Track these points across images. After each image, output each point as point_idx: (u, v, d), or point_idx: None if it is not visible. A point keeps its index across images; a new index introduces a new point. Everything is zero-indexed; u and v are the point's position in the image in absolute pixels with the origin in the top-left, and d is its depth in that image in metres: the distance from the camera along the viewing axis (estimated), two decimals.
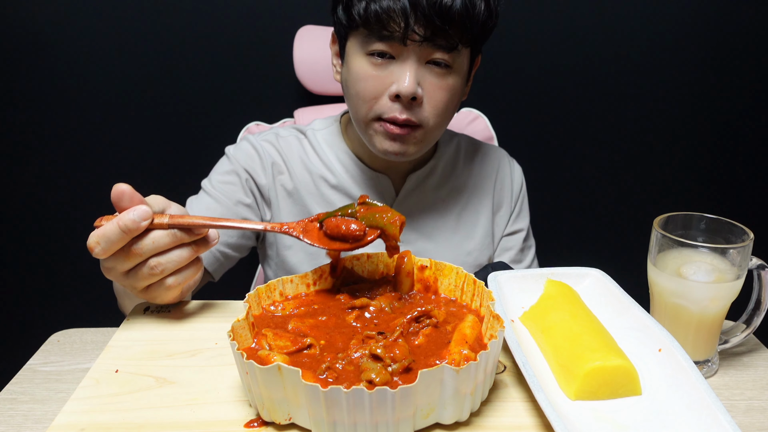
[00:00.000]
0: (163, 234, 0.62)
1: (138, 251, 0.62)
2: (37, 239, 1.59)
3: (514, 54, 1.50)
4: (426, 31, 0.81)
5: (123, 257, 0.62)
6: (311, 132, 1.03)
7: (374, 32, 0.82)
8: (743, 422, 0.59)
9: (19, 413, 0.63)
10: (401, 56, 0.83)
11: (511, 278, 0.72)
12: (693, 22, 1.49)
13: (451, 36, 0.82)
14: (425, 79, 0.85)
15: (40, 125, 1.49)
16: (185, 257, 0.64)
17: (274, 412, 0.51)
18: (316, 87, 1.35)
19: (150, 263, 0.63)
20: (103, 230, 0.60)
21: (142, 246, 0.62)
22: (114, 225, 0.60)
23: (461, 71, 0.88)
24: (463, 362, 0.51)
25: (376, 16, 0.81)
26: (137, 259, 0.62)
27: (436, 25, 0.80)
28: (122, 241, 0.61)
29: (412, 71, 0.83)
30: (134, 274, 0.64)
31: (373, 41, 0.83)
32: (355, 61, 0.86)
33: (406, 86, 0.82)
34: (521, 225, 1.10)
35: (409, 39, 0.81)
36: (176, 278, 0.65)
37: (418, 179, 1.01)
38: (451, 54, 0.84)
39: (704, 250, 0.64)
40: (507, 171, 1.09)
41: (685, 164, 1.62)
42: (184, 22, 1.42)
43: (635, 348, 0.60)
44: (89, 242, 0.61)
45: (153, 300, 0.68)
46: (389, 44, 0.83)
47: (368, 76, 0.85)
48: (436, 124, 0.88)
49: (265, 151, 1.00)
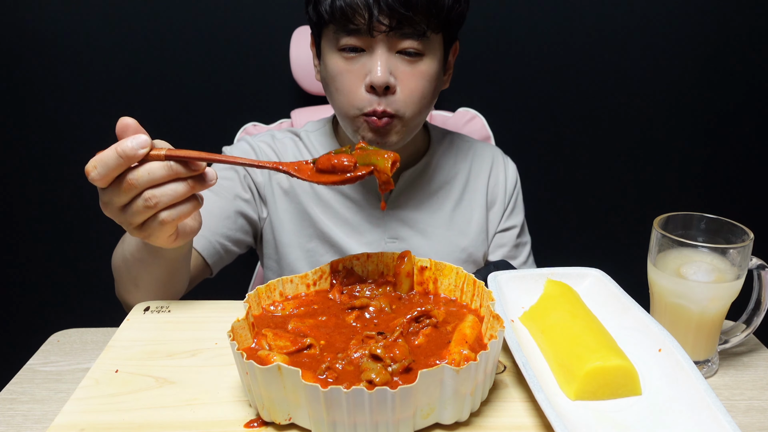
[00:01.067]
0: (159, 165, 0.61)
1: (133, 181, 0.61)
2: (37, 239, 1.59)
3: (511, 53, 1.50)
4: (391, 21, 0.82)
5: (118, 188, 0.61)
6: (305, 133, 1.05)
7: (342, 27, 0.84)
8: (743, 422, 0.59)
9: (19, 413, 0.63)
10: (371, 48, 0.85)
11: (511, 278, 0.72)
12: (692, 20, 1.49)
13: (417, 23, 0.83)
14: (397, 68, 0.86)
15: (39, 125, 1.49)
16: (180, 192, 0.63)
17: (274, 412, 0.51)
18: (312, 87, 1.35)
19: (144, 195, 0.61)
20: (100, 155, 0.60)
21: (137, 176, 0.60)
22: (112, 150, 0.59)
23: (434, 57, 0.89)
24: (463, 362, 0.51)
25: (341, 10, 0.82)
26: (133, 191, 0.61)
27: (400, 13, 0.81)
28: (119, 168, 0.60)
29: (382, 61, 0.84)
30: (129, 208, 0.63)
31: (342, 36, 0.85)
32: (329, 58, 0.88)
33: (378, 76, 0.83)
34: (514, 221, 1.10)
35: (375, 30, 0.82)
36: (170, 213, 0.63)
37: (410, 177, 1.02)
38: (421, 41, 0.85)
39: (704, 250, 0.64)
40: (501, 168, 1.09)
41: (685, 164, 1.62)
42: (180, 23, 1.42)
43: (635, 348, 0.60)
44: (87, 166, 0.60)
45: (148, 239, 0.66)
46: (357, 37, 0.84)
47: (342, 71, 0.87)
48: (414, 112, 0.89)
49: (262, 151, 1.02)
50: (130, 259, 0.79)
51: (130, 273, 0.79)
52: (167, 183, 0.62)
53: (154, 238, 0.66)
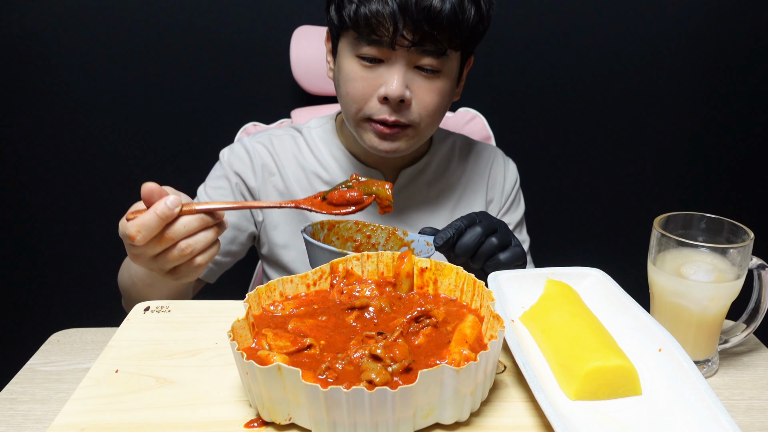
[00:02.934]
0: (192, 218, 0.68)
1: (171, 235, 0.67)
2: (37, 239, 1.59)
3: (512, 53, 1.50)
4: (414, 36, 0.81)
5: (156, 242, 0.67)
6: (307, 130, 1.05)
7: (363, 35, 0.83)
8: (743, 422, 0.59)
9: (19, 413, 0.63)
10: (390, 60, 0.84)
11: (511, 278, 0.72)
12: (693, 21, 1.49)
13: (439, 41, 0.82)
14: (414, 82, 0.85)
15: (38, 126, 1.49)
16: (210, 238, 0.70)
17: (274, 412, 0.51)
18: (312, 87, 1.35)
19: (180, 245, 0.68)
20: (141, 219, 0.65)
21: (174, 230, 0.67)
22: (152, 214, 0.65)
23: (451, 74, 0.88)
24: (463, 362, 0.51)
25: (365, 19, 0.81)
26: (169, 242, 0.67)
27: (424, 30, 0.80)
28: (159, 228, 0.66)
29: (400, 75, 0.83)
30: (164, 256, 0.68)
31: (362, 44, 0.84)
32: (346, 62, 0.87)
33: (394, 89, 0.83)
34: (509, 220, 1.11)
35: (397, 44, 0.82)
36: (203, 257, 0.70)
37: (411, 175, 1.02)
38: (440, 59, 0.84)
39: (704, 250, 0.64)
40: (500, 168, 1.09)
41: (685, 164, 1.62)
42: (180, 22, 1.42)
43: (635, 348, 0.60)
44: (129, 232, 0.65)
45: (177, 278, 0.72)
46: (378, 48, 0.83)
47: (357, 78, 0.86)
48: (427, 124, 0.89)
49: (257, 153, 1.02)
50: (138, 284, 0.84)
51: (140, 293, 0.84)
52: (199, 232, 0.69)
53: (184, 277, 0.72)
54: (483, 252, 0.77)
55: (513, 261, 0.78)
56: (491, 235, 0.77)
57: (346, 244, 0.83)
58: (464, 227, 0.77)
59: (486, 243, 0.77)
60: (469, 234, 0.76)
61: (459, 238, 0.76)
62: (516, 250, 0.78)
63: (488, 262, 0.78)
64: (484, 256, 0.77)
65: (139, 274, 0.83)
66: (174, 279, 0.73)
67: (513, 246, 0.79)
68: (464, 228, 0.77)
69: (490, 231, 0.77)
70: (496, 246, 0.77)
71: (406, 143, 0.90)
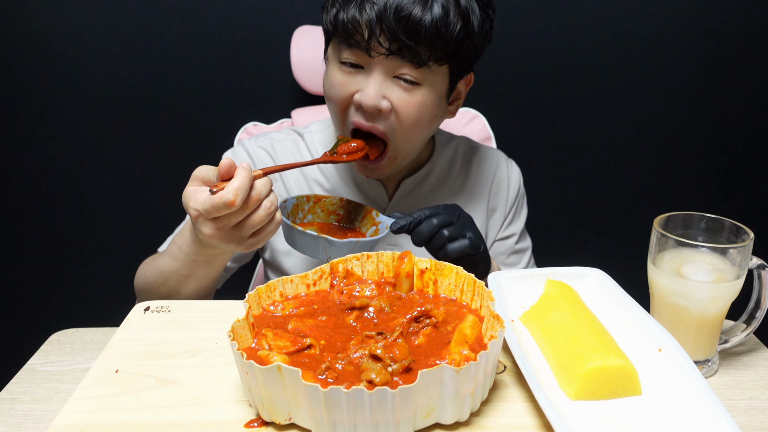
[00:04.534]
0: (265, 179, 0.72)
1: (257, 196, 0.71)
2: (37, 239, 1.59)
3: (512, 53, 1.50)
4: (391, 45, 0.80)
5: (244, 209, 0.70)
6: (308, 135, 1.04)
7: (343, 41, 0.83)
8: (743, 422, 0.59)
9: (19, 413, 0.63)
10: (369, 67, 0.83)
11: (511, 278, 0.72)
12: (693, 21, 1.48)
13: (418, 52, 0.80)
14: (392, 92, 0.84)
15: (39, 126, 1.49)
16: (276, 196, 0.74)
17: (274, 412, 0.51)
18: (313, 87, 1.35)
19: (264, 204, 0.72)
20: (233, 185, 0.69)
21: (257, 191, 0.71)
22: (242, 176, 0.69)
23: (434, 88, 0.86)
24: (463, 362, 0.51)
25: (343, 24, 0.81)
26: (254, 204, 0.71)
27: (401, 39, 0.79)
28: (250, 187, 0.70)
29: (376, 83, 0.83)
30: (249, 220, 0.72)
31: (343, 49, 0.84)
32: (331, 67, 0.88)
33: (368, 98, 0.82)
34: (514, 230, 1.10)
35: (373, 50, 0.81)
36: (278, 213, 0.75)
37: (412, 184, 1.01)
38: (420, 70, 0.82)
39: (704, 250, 0.64)
40: (504, 175, 1.08)
41: (685, 164, 1.62)
42: (181, 22, 1.42)
43: (635, 348, 0.60)
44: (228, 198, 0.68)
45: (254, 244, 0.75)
46: (356, 54, 0.83)
47: (337, 83, 0.86)
48: (403, 138, 0.88)
49: (259, 158, 1.01)
50: (174, 278, 0.85)
51: (175, 288, 0.86)
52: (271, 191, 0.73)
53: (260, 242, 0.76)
54: (435, 242, 0.83)
55: (460, 251, 0.82)
56: (445, 227, 0.82)
57: (329, 216, 0.91)
58: (424, 217, 0.82)
59: (438, 234, 0.82)
60: (425, 224, 0.82)
61: (417, 226, 0.83)
62: (464, 243, 0.83)
63: (440, 251, 0.83)
64: (437, 245, 0.83)
65: (173, 268, 0.84)
66: (248, 247, 0.75)
67: (464, 238, 0.83)
68: (423, 218, 0.82)
69: (446, 224, 0.83)
70: (447, 237, 0.82)
71: (387, 166, 0.90)
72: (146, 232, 1.55)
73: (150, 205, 1.56)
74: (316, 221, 0.90)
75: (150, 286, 0.90)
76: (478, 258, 0.86)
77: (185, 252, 0.82)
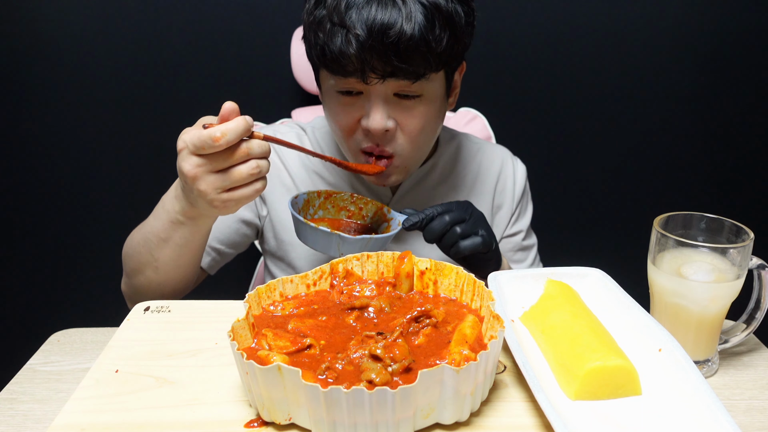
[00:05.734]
0: (265, 143, 0.71)
1: (248, 150, 0.69)
2: (37, 239, 1.59)
3: (513, 53, 1.50)
4: (385, 68, 0.78)
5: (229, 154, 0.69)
6: (311, 129, 1.05)
7: (336, 72, 0.81)
8: (743, 422, 0.59)
9: (19, 413, 0.63)
10: (367, 92, 0.82)
11: (511, 278, 0.72)
12: (693, 21, 1.48)
13: (412, 71, 0.79)
14: (396, 110, 0.83)
15: (39, 126, 1.49)
16: (269, 166, 0.72)
17: (274, 412, 0.51)
18: (313, 87, 1.35)
19: (251, 163, 0.70)
20: (227, 125, 0.67)
21: (251, 147, 0.69)
22: (240, 121, 0.68)
23: (434, 95, 0.86)
24: (463, 362, 0.51)
25: (332, 57, 0.79)
26: (242, 158, 0.69)
27: (394, 65, 0.78)
28: (244, 134, 0.68)
29: (379, 106, 0.82)
30: (231, 172, 0.70)
31: (338, 79, 0.83)
32: (328, 97, 0.87)
33: (375, 123, 0.82)
34: (521, 227, 1.10)
35: (369, 78, 0.79)
36: (262, 183, 0.72)
37: (415, 178, 1.02)
38: (419, 83, 0.82)
39: (704, 250, 0.64)
40: (509, 172, 1.08)
41: (685, 164, 1.62)
42: (181, 22, 1.42)
43: (635, 348, 0.60)
44: (214, 134, 0.67)
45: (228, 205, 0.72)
46: (352, 83, 0.82)
47: (340, 112, 0.85)
48: (413, 150, 0.88)
49: None
50: (154, 240, 0.83)
51: (153, 254, 0.84)
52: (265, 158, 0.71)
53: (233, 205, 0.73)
54: (447, 239, 0.82)
55: (473, 249, 0.82)
56: (457, 225, 0.82)
57: (341, 212, 0.90)
58: (436, 214, 0.82)
59: (450, 231, 0.82)
60: (437, 221, 0.82)
61: (429, 223, 0.82)
62: (476, 240, 0.82)
63: (452, 248, 0.83)
64: (448, 242, 0.83)
65: (154, 229, 0.83)
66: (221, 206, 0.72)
67: (476, 236, 0.83)
68: (436, 215, 0.82)
69: (458, 221, 0.82)
70: (459, 235, 0.82)
71: (396, 175, 0.90)
72: None
73: (150, 205, 1.55)
74: (327, 217, 0.90)
75: (133, 250, 0.88)
76: (490, 255, 0.86)
77: (167, 209, 0.80)
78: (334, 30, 0.78)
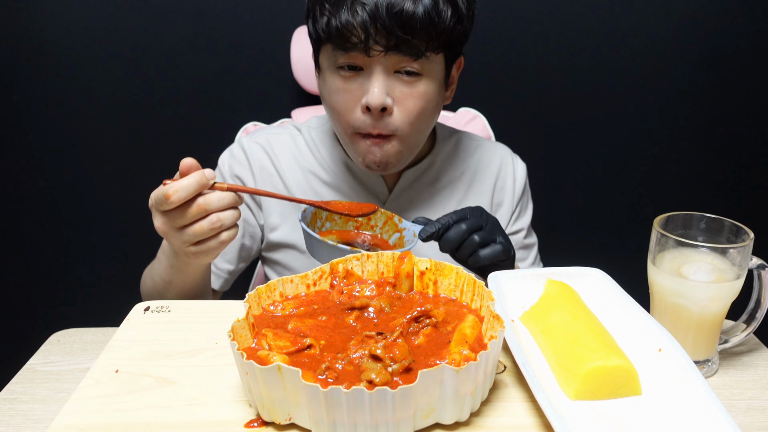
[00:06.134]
0: (227, 194, 0.72)
1: (204, 205, 0.70)
2: (37, 239, 1.59)
3: (513, 53, 1.50)
4: (389, 42, 0.80)
5: (186, 209, 0.70)
6: (306, 129, 1.05)
7: (339, 46, 0.83)
8: (743, 422, 0.59)
9: (19, 413, 0.63)
10: (368, 68, 0.83)
11: (511, 278, 0.72)
12: (693, 21, 1.48)
13: (415, 45, 0.81)
14: (395, 88, 0.84)
15: (39, 126, 1.49)
16: (236, 216, 0.74)
17: (274, 412, 0.51)
18: (313, 87, 1.35)
19: (211, 218, 0.71)
20: (179, 182, 0.69)
21: (208, 200, 0.71)
22: (191, 178, 0.70)
23: (434, 77, 0.87)
24: (463, 362, 0.51)
25: (337, 30, 0.81)
26: (201, 213, 0.71)
27: (398, 35, 0.80)
28: (195, 191, 0.69)
29: (379, 82, 0.83)
30: (193, 228, 0.71)
31: (339, 54, 0.84)
32: (327, 76, 0.88)
33: (375, 97, 0.82)
34: (521, 225, 1.10)
35: (372, 50, 0.81)
36: (229, 233, 0.73)
37: (412, 176, 1.01)
38: (420, 61, 0.83)
39: (704, 250, 0.64)
40: (509, 169, 1.08)
41: (685, 164, 1.62)
42: (181, 22, 1.42)
43: (635, 348, 0.60)
44: (166, 191, 0.68)
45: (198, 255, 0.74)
46: (354, 56, 0.83)
47: (339, 90, 0.86)
48: (411, 131, 0.88)
49: (254, 155, 1.02)
50: (160, 283, 0.87)
51: (162, 295, 0.88)
52: (229, 209, 0.72)
53: (205, 256, 0.75)
54: (465, 248, 0.81)
55: (492, 258, 0.81)
56: (475, 233, 0.81)
57: (347, 223, 0.88)
58: (452, 223, 0.81)
59: (468, 240, 0.80)
60: (453, 230, 0.80)
61: (445, 232, 0.81)
62: (496, 248, 0.81)
63: (470, 258, 0.82)
64: (466, 252, 0.81)
65: (159, 272, 0.86)
66: (194, 257, 0.74)
67: (495, 243, 0.82)
68: (452, 223, 0.81)
69: (475, 228, 0.81)
70: (478, 243, 0.81)
71: (394, 156, 0.89)
72: (146, 233, 1.55)
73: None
74: (335, 229, 0.88)
75: (146, 288, 0.92)
76: (508, 263, 0.85)
77: (166, 254, 0.84)
78: (341, 1, 0.80)
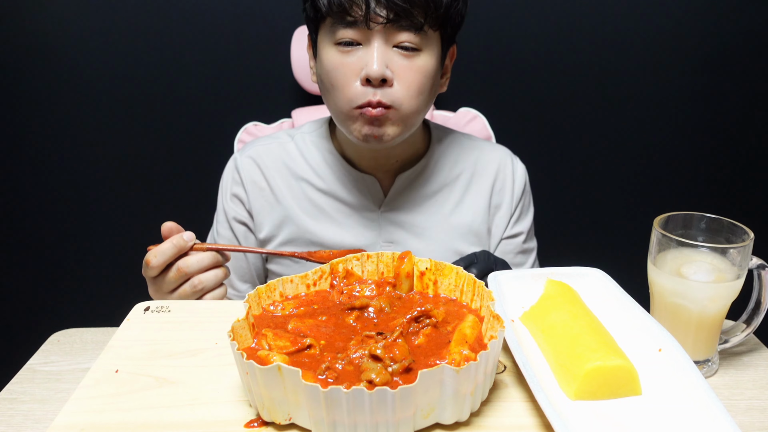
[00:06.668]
0: (205, 255, 0.76)
1: (184, 269, 0.75)
2: (37, 239, 1.59)
3: (513, 53, 1.50)
4: (389, 13, 0.82)
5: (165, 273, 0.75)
6: (300, 135, 1.04)
7: (339, 20, 0.84)
8: (743, 422, 0.59)
9: (19, 413, 0.63)
10: (367, 41, 0.85)
11: (511, 278, 0.72)
12: (693, 21, 1.49)
13: (415, 17, 0.83)
14: (393, 61, 0.86)
15: (39, 126, 1.49)
16: (220, 276, 0.78)
17: (274, 412, 0.51)
18: (313, 87, 1.35)
19: (192, 281, 0.76)
20: (158, 247, 0.74)
21: (188, 263, 0.75)
22: (168, 243, 0.75)
23: (432, 53, 0.88)
24: (463, 362, 0.51)
25: (339, 3, 0.83)
26: (183, 277, 0.75)
27: (398, 6, 0.81)
28: (173, 255, 0.74)
29: (379, 54, 0.84)
30: (177, 292, 0.76)
31: (339, 29, 0.85)
32: (326, 53, 0.88)
33: (374, 68, 0.83)
34: (521, 228, 1.08)
35: (372, 21, 0.82)
36: (213, 294, 0.77)
37: (408, 179, 1.00)
38: (418, 35, 0.85)
39: (704, 250, 0.64)
40: (508, 171, 1.07)
41: (685, 164, 1.62)
42: (181, 23, 1.42)
43: (635, 348, 0.60)
44: (147, 257, 0.75)
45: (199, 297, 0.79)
46: (354, 29, 0.84)
47: (338, 65, 0.86)
48: (411, 105, 0.88)
49: (245, 171, 1.02)
50: None
51: None
52: (210, 270, 0.76)
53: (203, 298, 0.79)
54: None
55: None
56: (485, 278, 0.80)
57: None
58: None
59: None
60: None
61: None
62: None
63: None
64: None
65: None
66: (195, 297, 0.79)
67: None
68: None
69: (485, 272, 0.82)
70: None
71: (392, 128, 0.88)
72: (146, 233, 1.55)
73: (150, 205, 1.56)
74: None
75: None
76: None
77: None
78: None
